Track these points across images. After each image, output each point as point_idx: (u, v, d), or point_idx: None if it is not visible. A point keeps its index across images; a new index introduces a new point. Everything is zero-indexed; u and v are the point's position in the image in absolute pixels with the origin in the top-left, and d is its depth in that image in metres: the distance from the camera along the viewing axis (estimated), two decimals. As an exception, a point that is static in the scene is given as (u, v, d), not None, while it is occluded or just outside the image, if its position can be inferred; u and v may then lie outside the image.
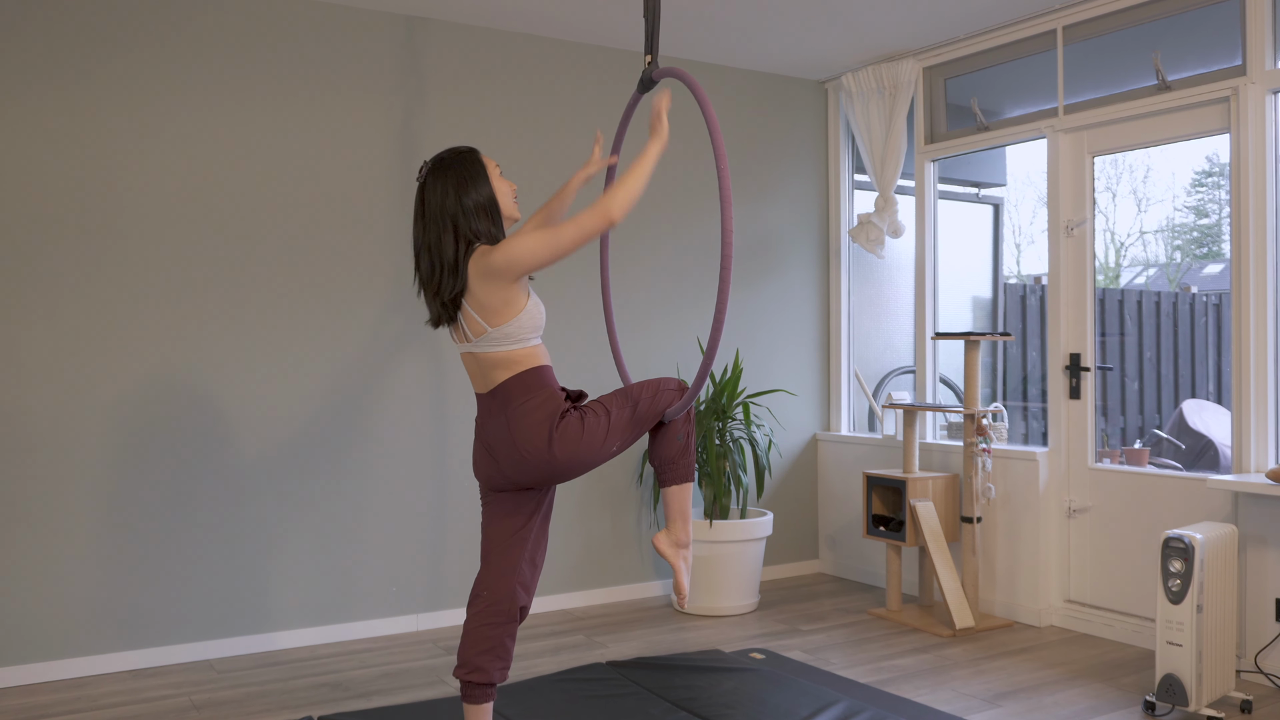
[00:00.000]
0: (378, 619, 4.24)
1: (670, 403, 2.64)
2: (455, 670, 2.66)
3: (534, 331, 2.58)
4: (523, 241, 2.47)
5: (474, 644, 2.63)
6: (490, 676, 2.62)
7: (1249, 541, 3.62)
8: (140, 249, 3.83)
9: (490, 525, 2.71)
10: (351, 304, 4.20)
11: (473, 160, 2.59)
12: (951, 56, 4.76)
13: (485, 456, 2.63)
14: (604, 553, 4.76)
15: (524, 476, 2.59)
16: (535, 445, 2.51)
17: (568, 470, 2.56)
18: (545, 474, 2.57)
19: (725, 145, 4.97)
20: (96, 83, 3.76)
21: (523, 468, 2.56)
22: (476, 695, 2.64)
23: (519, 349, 2.55)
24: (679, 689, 3.41)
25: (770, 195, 5.24)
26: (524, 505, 2.69)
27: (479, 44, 4.47)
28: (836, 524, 5.30)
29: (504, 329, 2.53)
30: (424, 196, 2.57)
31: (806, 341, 5.36)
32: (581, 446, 2.52)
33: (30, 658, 3.65)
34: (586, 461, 2.56)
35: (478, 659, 2.62)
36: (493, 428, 2.58)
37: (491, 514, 2.71)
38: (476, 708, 2.64)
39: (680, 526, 2.71)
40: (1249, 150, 3.70)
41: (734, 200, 5.06)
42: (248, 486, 4.00)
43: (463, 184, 2.54)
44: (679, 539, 2.71)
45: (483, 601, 2.65)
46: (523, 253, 2.46)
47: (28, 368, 3.66)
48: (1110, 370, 6.27)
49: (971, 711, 3.31)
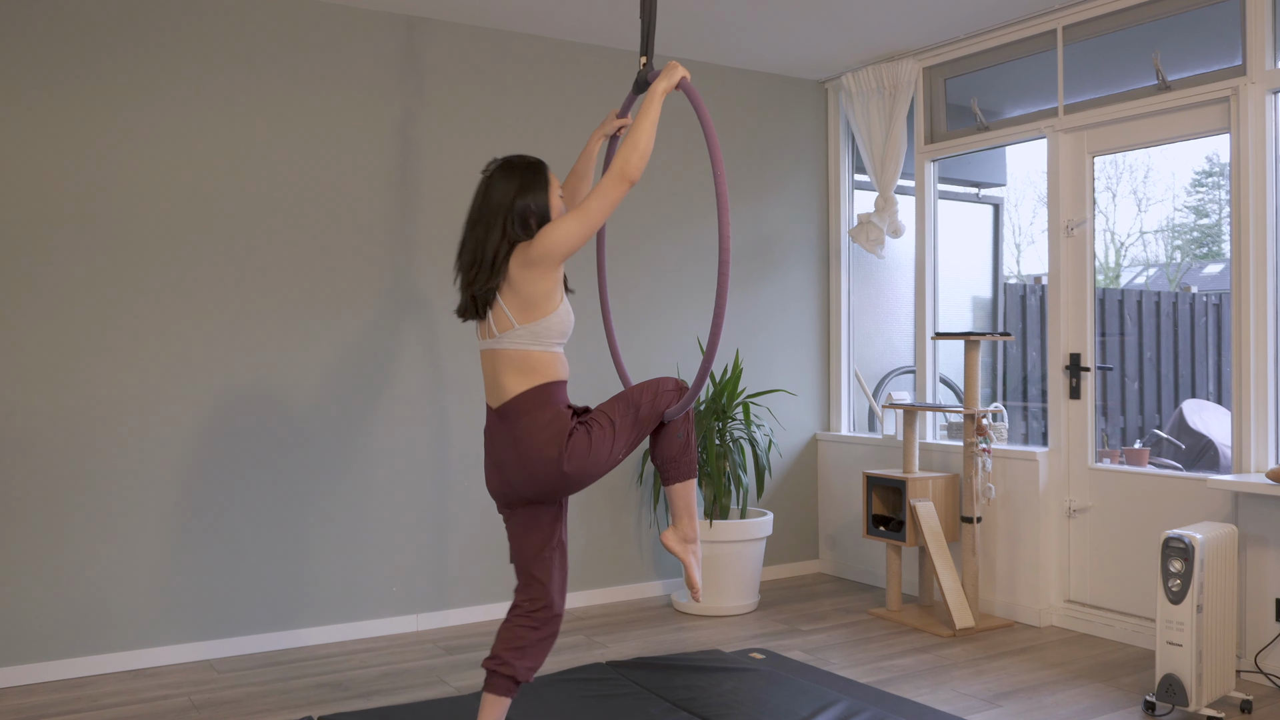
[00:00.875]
0: (378, 619, 4.24)
1: (670, 404, 2.67)
2: (484, 660, 2.72)
3: (560, 336, 2.63)
4: (555, 227, 2.55)
5: (507, 641, 2.70)
6: (514, 671, 2.68)
7: (1249, 541, 3.62)
8: (139, 249, 3.83)
9: (516, 541, 2.75)
10: (352, 304, 4.20)
11: (539, 170, 2.67)
12: (951, 56, 4.76)
13: (496, 473, 2.68)
14: (604, 553, 4.76)
15: (534, 492, 2.63)
16: (544, 464, 2.55)
17: (578, 484, 2.61)
18: (555, 489, 2.62)
19: (725, 146, 5.00)
20: (96, 83, 3.76)
21: (533, 484, 2.60)
22: (497, 686, 2.69)
23: (540, 352, 2.59)
24: (679, 689, 3.41)
25: (770, 195, 5.24)
26: (542, 517, 2.72)
27: (479, 44, 4.47)
28: (836, 524, 5.30)
29: (531, 327, 2.57)
30: (486, 190, 2.64)
31: (806, 341, 5.36)
32: (589, 461, 2.57)
33: (30, 658, 3.65)
34: (595, 474, 2.61)
35: (507, 653, 2.69)
36: (502, 444, 2.62)
37: (515, 531, 2.75)
38: (494, 698, 2.70)
39: (687, 522, 2.77)
40: (1249, 150, 3.70)
41: (734, 200, 5.09)
42: (246, 487, 4.00)
43: (524, 188, 2.62)
44: (686, 535, 2.77)
45: (522, 610, 2.72)
46: (560, 237, 2.53)
47: (27, 368, 3.66)
48: (1110, 370, 6.27)
49: (971, 711, 3.31)
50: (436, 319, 4.37)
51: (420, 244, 4.34)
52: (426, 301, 4.35)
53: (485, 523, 4.45)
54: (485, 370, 2.67)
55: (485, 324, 2.63)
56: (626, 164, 2.54)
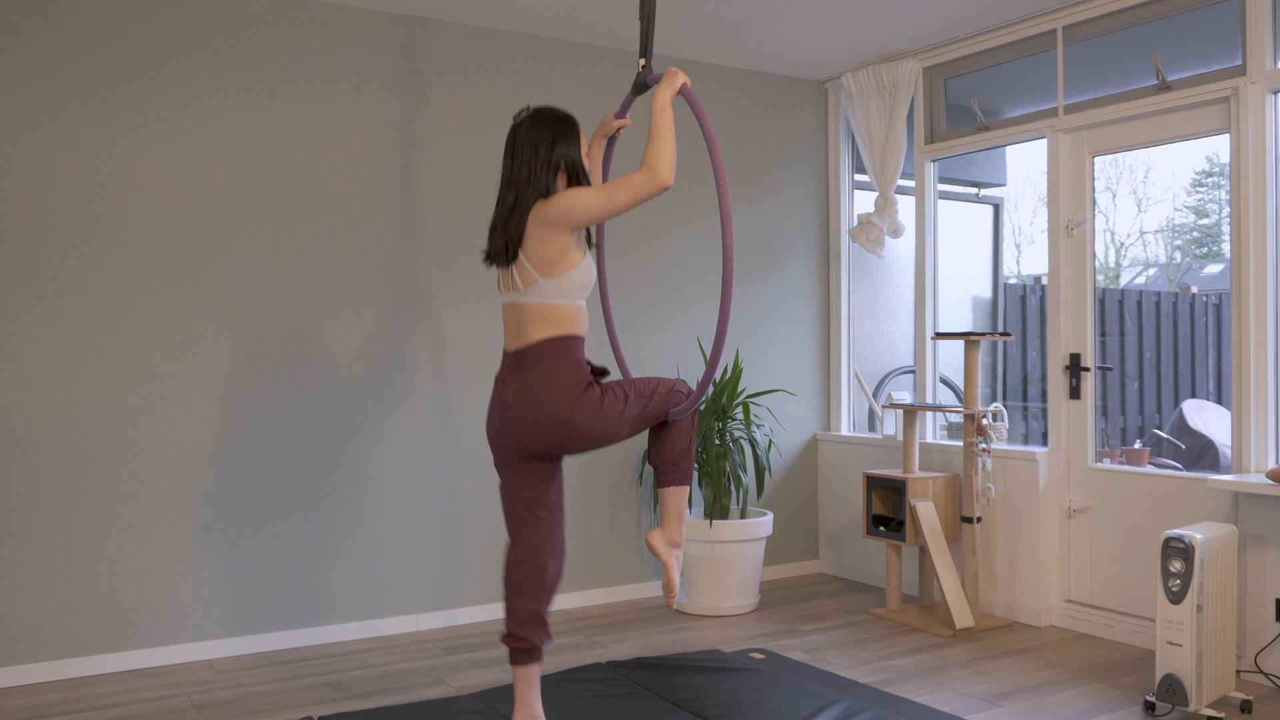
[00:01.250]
0: (378, 619, 4.24)
1: (677, 404, 2.75)
2: (502, 638, 2.82)
3: (583, 289, 2.67)
4: (579, 195, 2.59)
5: (514, 616, 2.80)
6: (533, 643, 2.80)
7: (1249, 541, 3.62)
8: (142, 250, 3.83)
9: (509, 498, 2.82)
10: (353, 303, 4.20)
11: (573, 124, 2.71)
12: (951, 56, 4.76)
13: (500, 415, 2.72)
14: (604, 553, 4.76)
15: (537, 441, 2.67)
16: (556, 410, 2.60)
17: (580, 441, 2.65)
18: (557, 440, 2.66)
19: (725, 146, 5.00)
20: (96, 84, 3.76)
21: (537, 433, 2.65)
22: (521, 659, 2.82)
23: (564, 305, 2.64)
24: (679, 689, 3.41)
25: (770, 195, 5.24)
26: (536, 472, 2.78)
27: (479, 44, 4.47)
28: (836, 524, 5.30)
29: (555, 281, 2.62)
30: (517, 136, 2.67)
31: (806, 341, 5.36)
32: (598, 421, 2.62)
33: (30, 658, 3.65)
34: (598, 438, 2.66)
35: (519, 629, 2.79)
36: (514, 386, 2.67)
37: (508, 486, 2.82)
38: (524, 669, 2.83)
39: (675, 526, 2.83)
40: (1249, 150, 3.70)
41: (734, 201, 5.09)
42: (247, 488, 4.00)
43: (558, 138, 2.66)
44: (673, 539, 2.83)
45: (517, 574, 2.80)
46: (578, 205, 2.58)
47: (28, 368, 3.66)
48: (1110, 370, 6.27)
49: (971, 711, 3.31)
50: (440, 317, 4.37)
51: (424, 243, 4.34)
52: (429, 300, 4.35)
53: (486, 523, 4.45)
54: (507, 319, 2.73)
55: (510, 277, 2.67)
56: (658, 169, 2.56)
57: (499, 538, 4.47)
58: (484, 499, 4.44)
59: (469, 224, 4.39)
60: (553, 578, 2.82)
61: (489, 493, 4.44)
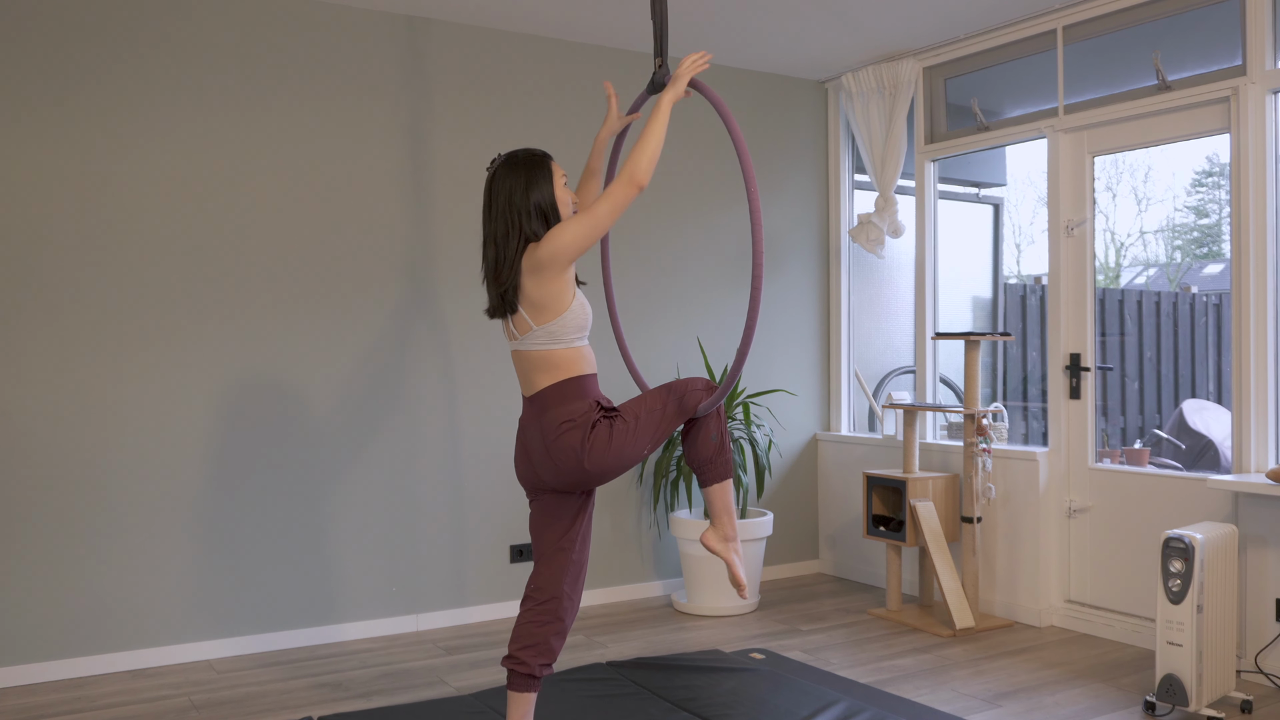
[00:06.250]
0: (378, 619, 4.24)
1: (700, 400, 2.73)
2: (502, 660, 2.80)
3: (579, 331, 2.67)
4: (563, 230, 2.58)
5: (520, 638, 2.78)
6: (531, 669, 2.76)
7: (1249, 541, 3.62)
8: (144, 252, 3.83)
9: (537, 530, 2.82)
10: (358, 305, 4.20)
11: (542, 163, 2.69)
12: (951, 56, 4.76)
13: (524, 459, 2.75)
14: (604, 553, 4.76)
15: (558, 482, 2.69)
16: (567, 455, 2.61)
17: (599, 477, 2.67)
18: (578, 480, 2.68)
19: (723, 145, 5.00)
20: (98, 86, 3.76)
21: (557, 474, 2.67)
22: (518, 684, 2.78)
23: (562, 349, 2.65)
24: (679, 689, 3.41)
25: (770, 195, 5.24)
26: (566, 509, 2.79)
27: (481, 44, 4.47)
28: (836, 524, 5.30)
29: (548, 328, 2.62)
30: (492, 188, 2.67)
31: (806, 341, 5.37)
32: (610, 454, 2.62)
33: (31, 658, 3.65)
34: (618, 468, 2.66)
35: (521, 653, 2.77)
36: (532, 432, 2.69)
37: (537, 518, 2.82)
38: (519, 695, 2.79)
39: (727, 522, 2.81)
40: (1249, 150, 3.70)
41: (733, 200, 5.09)
42: (247, 488, 4.00)
43: (530, 183, 2.64)
44: (727, 534, 2.82)
45: (532, 602, 2.80)
46: (567, 240, 2.57)
47: (29, 369, 3.66)
48: (1110, 370, 6.27)
49: (971, 711, 3.31)
50: (445, 318, 4.37)
51: (428, 243, 4.34)
52: (435, 301, 4.35)
53: (486, 523, 4.45)
54: (516, 367, 2.75)
55: (509, 326, 2.69)
56: (636, 170, 2.57)
57: (500, 538, 4.47)
58: (485, 499, 4.44)
59: (475, 227, 4.38)
60: (568, 610, 2.80)
61: (490, 493, 4.44)
